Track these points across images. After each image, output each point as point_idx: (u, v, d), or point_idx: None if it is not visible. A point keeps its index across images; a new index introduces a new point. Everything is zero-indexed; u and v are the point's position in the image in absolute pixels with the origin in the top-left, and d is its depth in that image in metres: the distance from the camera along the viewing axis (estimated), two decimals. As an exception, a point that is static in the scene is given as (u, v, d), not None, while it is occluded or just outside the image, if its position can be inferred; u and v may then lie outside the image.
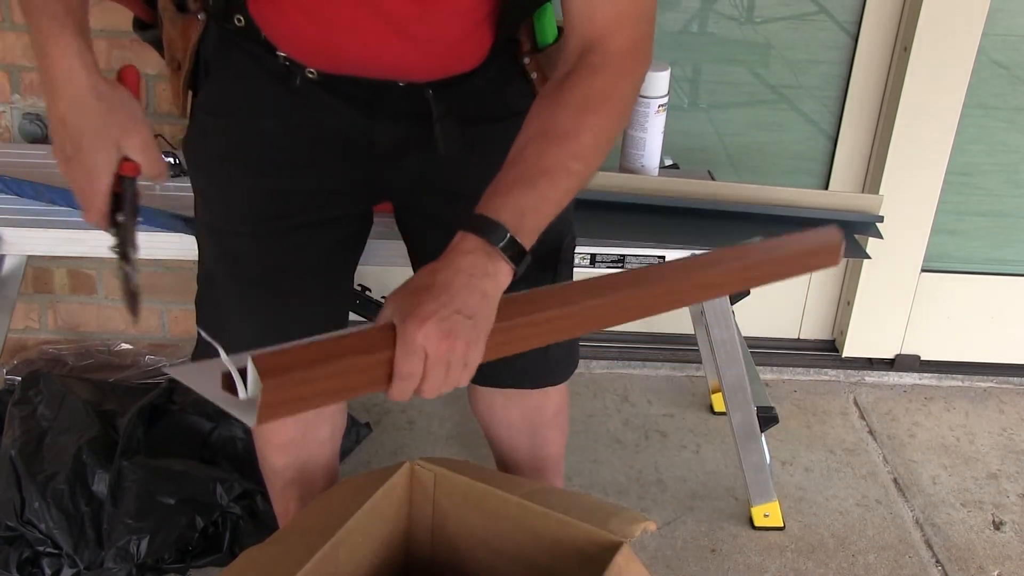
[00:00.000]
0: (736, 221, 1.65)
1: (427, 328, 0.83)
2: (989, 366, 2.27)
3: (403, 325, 0.83)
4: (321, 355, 0.83)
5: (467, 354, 0.85)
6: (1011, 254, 2.23)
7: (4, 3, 1.79)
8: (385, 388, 0.85)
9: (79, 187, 0.91)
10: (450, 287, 0.85)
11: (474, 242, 0.88)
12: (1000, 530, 1.81)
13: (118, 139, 0.89)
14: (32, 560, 1.53)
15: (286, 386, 0.80)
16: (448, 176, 1.17)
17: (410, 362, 0.83)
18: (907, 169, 2.04)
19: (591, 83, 0.96)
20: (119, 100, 0.89)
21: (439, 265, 0.88)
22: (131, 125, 0.90)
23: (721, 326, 1.64)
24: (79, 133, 0.88)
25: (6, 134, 1.89)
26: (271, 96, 1.11)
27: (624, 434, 2.02)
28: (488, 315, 0.87)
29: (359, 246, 1.26)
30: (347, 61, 1.06)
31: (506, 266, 0.89)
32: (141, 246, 1.54)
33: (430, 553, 1.23)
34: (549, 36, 1.16)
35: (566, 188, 0.94)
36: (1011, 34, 2.03)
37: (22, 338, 2.06)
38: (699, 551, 1.72)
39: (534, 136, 0.94)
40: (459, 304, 0.85)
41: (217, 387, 0.82)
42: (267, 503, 1.60)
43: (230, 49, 1.11)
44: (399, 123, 1.13)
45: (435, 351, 0.83)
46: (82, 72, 0.87)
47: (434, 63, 1.08)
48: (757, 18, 2.03)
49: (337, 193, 1.17)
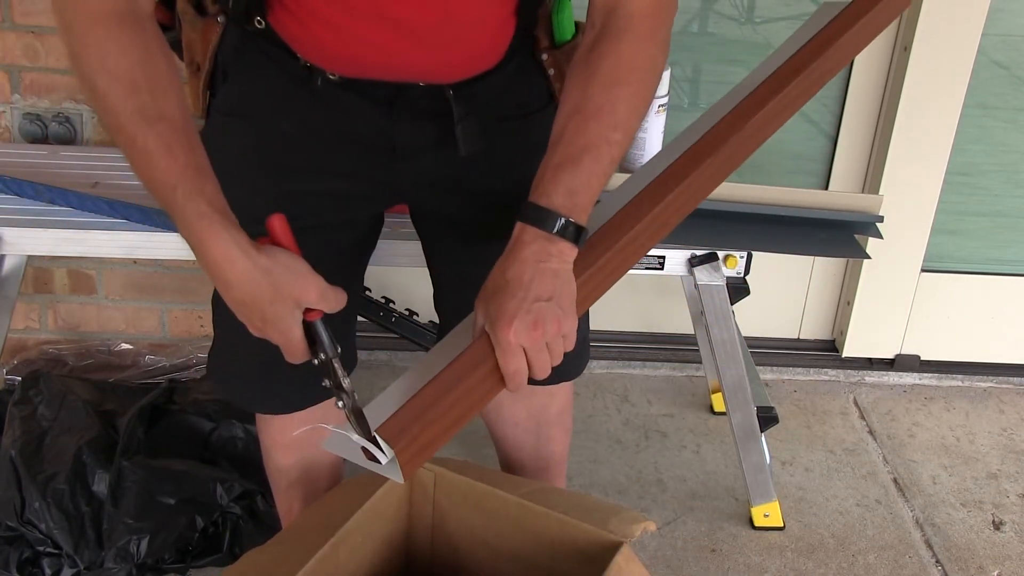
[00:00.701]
0: (736, 221, 1.65)
1: (515, 327, 0.90)
2: (989, 366, 2.27)
3: (494, 331, 0.92)
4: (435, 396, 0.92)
5: (560, 330, 0.93)
6: (1011, 254, 2.23)
7: (4, 3, 1.79)
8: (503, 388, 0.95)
9: (280, 343, 0.94)
10: (522, 281, 0.92)
11: (533, 232, 0.94)
12: (1000, 530, 1.82)
13: (296, 298, 0.91)
14: (32, 560, 1.53)
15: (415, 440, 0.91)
16: (467, 175, 1.17)
17: (513, 361, 0.92)
18: (907, 169, 2.04)
19: (618, 53, 0.98)
20: (281, 265, 0.90)
21: (506, 263, 0.94)
22: (300, 283, 0.91)
23: (721, 326, 1.64)
24: (260, 308, 0.91)
25: (6, 134, 1.89)
26: (291, 97, 1.12)
27: (624, 434, 2.02)
28: (567, 288, 0.95)
29: (370, 248, 1.27)
30: (367, 67, 1.06)
31: (568, 245, 0.95)
32: (142, 247, 1.56)
33: (430, 553, 1.23)
34: (567, 33, 1.17)
35: (610, 159, 0.98)
36: (1011, 34, 2.03)
37: (22, 338, 2.06)
38: (699, 551, 1.72)
39: (571, 114, 0.98)
40: (536, 293, 0.92)
41: (361, 457, 0.91)
42: (267, 503, 1.60)
43: (250, 51, 1.11)
44: (420, 123, 1.13)
45: (530, 343, 0.91)
46: (241, 257, 0.88)
47: (456, 65, 1.08)
48: (757, 18, 2.03)
49: (354, 196, 1.18)
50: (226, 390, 1.27)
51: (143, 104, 0.87)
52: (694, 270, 1.61)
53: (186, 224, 0.89)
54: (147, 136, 0.87)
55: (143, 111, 0.87)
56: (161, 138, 0.87)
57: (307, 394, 1.23)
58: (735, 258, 1.62)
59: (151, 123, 0.87)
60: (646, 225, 1.04)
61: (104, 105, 0.88)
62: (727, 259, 1.61)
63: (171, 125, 0.88)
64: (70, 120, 1.88)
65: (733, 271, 1.62)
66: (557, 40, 1.16)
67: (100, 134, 1.90)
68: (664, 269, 1.63)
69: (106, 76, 0.87)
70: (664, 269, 1.63)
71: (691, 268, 1.62)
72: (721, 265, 1.61)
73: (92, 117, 1.89)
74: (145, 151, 0.87)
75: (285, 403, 1.24)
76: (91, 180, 1.66)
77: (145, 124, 0.87)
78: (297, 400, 1.23)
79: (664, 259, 1.63)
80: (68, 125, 1.89)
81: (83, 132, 1.90)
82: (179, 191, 0.87)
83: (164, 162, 0.87)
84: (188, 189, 0.88)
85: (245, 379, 1.22)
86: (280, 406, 1.24)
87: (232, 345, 1.22)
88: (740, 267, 1.63)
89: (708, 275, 1.61)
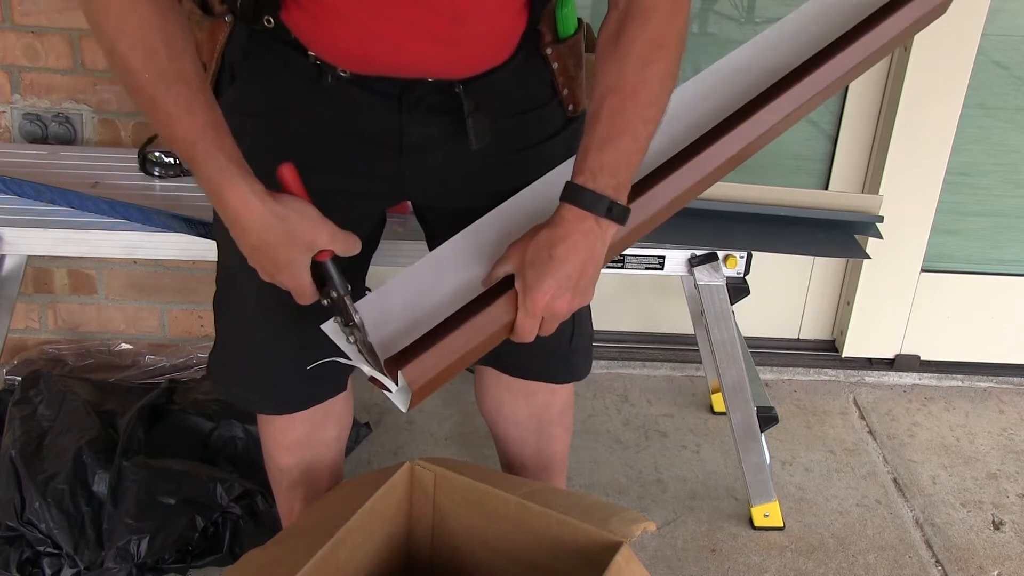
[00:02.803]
0: (736, 221, 1.65)
1: (548, 300, 1.00)
2: (989, 366, 2.27)
3: (527, 297, 1.00)
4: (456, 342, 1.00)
5: (580, 305, 1.04)
6: (1011, 254, 2.23)
7: (4, 3, 1.79)
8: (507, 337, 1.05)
9: (290, 287, 1.01)
10: (566, 263, 0.99)
11: (580, 214, 1.00)
12: (1000, 530, 1.82)
13: (308, 242, 0.98)
14: (32, 560, 1.53)
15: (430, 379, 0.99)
16: (472, 170, 1.17)
17: (532, 326, 1.03)
18: (907, 169, 2.04)
19: (646, 32, 1.01)
20: (295, 211, 0.97)
21: (554, 236, 0.99)
22: (312, 227, 0.98)
23: (721, 326, 1.64)
24: (273, 253, 0.97)
25: (6, 134, 1.89)
26: (299, 95, 1.12)
27: (624, 434, 2.02)
28: (599, 268, 1.03)
29: (374, 247, 1.27)
30: (382, 63, 1.07)
31: (614, 226, 1.02)
32: (142, 247, 1.56)
33: (430, 553, 1.23)
34: (570, 28, 1.18)
35: (647, 135, 1.03)
36: (1011, 34, 2.03)
37: (22, 338, 2.06)
38: (699, 551, 1.72)
39: (606, 94, 1.01)
40: (576, 276, 1.00)
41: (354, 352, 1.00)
42: (267, 503, 1.60)
43: (258, 50, 1.12)
44: (428, 119, 1.14)
45: (552, 316, 1.02)
46: (257, 203, 0.95)
47: (469, 61, 1.09)
48: (757, 18, 2.03)
49: (361, 194, 1.18)
50: (227, 391, 1.27)
51: (162, 67, 0.92)
52: (694, 270, 1.61)
53: (206, 176, 0.95)
54: (166, 97, 0.92)
55: (162, 74, 0.92)
56: (180, 98, 0.92)
57: (308, 394, 1.23)
58: (735, 258, 1.62)
59: (169, 85, 0.92)
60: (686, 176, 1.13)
61: (124, 67, 0.92)
62: (727, 259, 1.61)
63: (189, 86, 0.93)
64: (70, 120, 1.88)
65: (733, 271, 1.62)
66: (561, 35, 1.17)
67: (100, 134, 1.90)
68: (664, 269, 1.63)
69: (125, 41, 0.91)
70: (664, 269, 1.63)
71: (691, 268, 1.62)
72: (721, 265, 1.61)
73: (92, 117, 1.89)
74: (165, 111, 0.92)
75: (286, 403, 1.24)
76: (91, 180, 1.66)
77: (164, 86, 0.92)
78: (298, 400, 1.23)
79: (664, 259, 1.63)
80: (68, 125, 1.89)
81: (83, 132, 1.90)
82: (199, 147, 0.93)
83: (184, 121, 0.93)
84: (207, 146, 0.93)
85: (246, 380, 1.23)
86: (281, 406, 1.24)
87: (233, 346, 1.22)
88: (740, 267, 1.63)
89: (708, 275, 1.61)
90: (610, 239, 1.03)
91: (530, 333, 1.03)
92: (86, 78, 1.85)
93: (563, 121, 1.22)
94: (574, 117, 1.22)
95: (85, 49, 1.83)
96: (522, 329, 1.03)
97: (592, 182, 0.99)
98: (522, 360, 1.29)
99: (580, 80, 1.21)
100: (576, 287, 1.01)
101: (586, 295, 1.04)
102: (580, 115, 1.23)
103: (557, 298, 1.00)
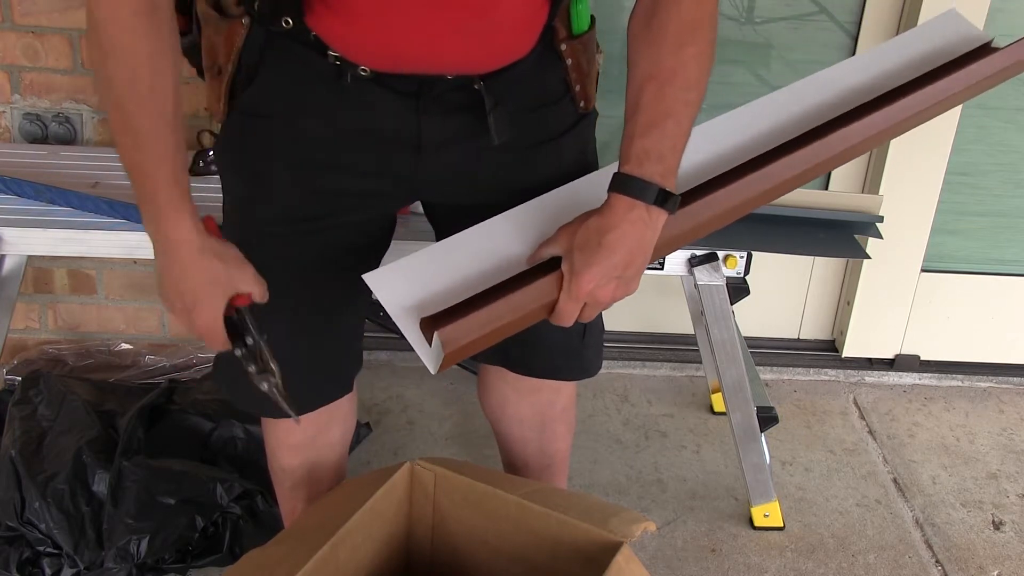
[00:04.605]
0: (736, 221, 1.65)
1: (593, 289, 1.00)
2: (989, 366, 2.27)
3: (572, 281, 1.00)
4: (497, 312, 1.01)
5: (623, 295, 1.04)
6: (1011, 254, 2.23)
7: (4, 3, 1.79)
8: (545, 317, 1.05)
9: (201, 331, 1.03)
10: (615, 252, 0.99)
11: (630, 203, 1.00)
12: (1000, 530, 1.82)
13: (232, 283, 1.01)
14: (32, 560, 1.53)
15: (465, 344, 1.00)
16: (488, 166, 1.17)
17: (575, 309, 1.03)
18: (907, 169, 2.04)
19: (680, 15, 1.01)
20: (222, 249, 1.01)
21: (604, 224, 1.00)
22: (239, 266, 1.02)
23: (721, 326, 1.64)
24: (195, 289, 1.00)
25: (6, 134, 1.89)
26: (317, 96, 1.11)
27: (624, 434, 2.02)
28: (647, 258, 1.03)
29: (384, 248, 1.27)
30: (409, 59, 1.07)
31: (664, 214, 1.01)
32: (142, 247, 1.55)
33: (430, 553, 1.23)
34: (584, 24, 1.18)
35: (689, 120, 1.03)
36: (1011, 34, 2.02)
37: (22, 338, 2.06)
38: (699, 551, 1.72)
39: (646, 80, 1.02)
40: (623, 266, 1.00)
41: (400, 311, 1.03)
42: (267, 503, 1.60)
43: (275, 51, 1.11)
44: (447, 116, 1.13)
45: (595, 300, 1.02)
46: (195, 238, 0.98)
47: (492, 56, 1.09)
48: (757, 18, 2.03)
49: (377, 194, 1.18)
50: (232, 393, 1.27)
51: (141, 95, 0.94)
52: (694, 270, 1.61)
53: (156, 206, 0.98)
54: (141, 122, 0.95)
55: (141, 101, 0.95)
56: (153, 127, 0.96)
57: (312, 396, 1.23)
58: (735, 258, 1.62)
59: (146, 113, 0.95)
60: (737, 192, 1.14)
61: (107, 84, 0.95)
62: (727, 259, 1.62)
63: (163, 118, 0.96)
64: (70, 120, 1.89)
65: (733, 271, 1.62)
66: (575, 31, 1.17)
67: (100, 134, 1.90)
68: (664, 269, 1.64)
69: (113, 60, 0.94)
70: (664, 269, 1.64)
71: (691, 268, 1.62)
72: (721, 265, 1.61)
73: (92, 117, 1.89)
74: (136, 135, 0.96)
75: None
76: (91, 180, 1.66)
77: (141, 113, 0.95)
78: (304, 402, 1.23)
79: (664, 259, 1.63)
80: (68, 125, 1.89)
81: (83, 132, 1.90)
82: (159, 176, 0.97)
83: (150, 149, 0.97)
84: (167, 177, 0.97)
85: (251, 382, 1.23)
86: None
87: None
88: (740, 267, 1.63)
89: (708, 275, 1.61)
90: (660, 228, 1.02)
91: (570, 317, 1.03)
92: (86, 78, 1.85)
93: (575, 117, 1.22)
94: (585, 113, 1.22)
95: (85, 49, 1.83)
96: (563, 312, 1.03)
97: (639, 169, 0.99)
98: (530, 358, 1.29)
99: (592, 76, 1.21)
100: (622, 276, 1.01)
101: (630, 285, 1.04)
102: (591, 111, 1.23)
103: (602, 286, 1.00)
